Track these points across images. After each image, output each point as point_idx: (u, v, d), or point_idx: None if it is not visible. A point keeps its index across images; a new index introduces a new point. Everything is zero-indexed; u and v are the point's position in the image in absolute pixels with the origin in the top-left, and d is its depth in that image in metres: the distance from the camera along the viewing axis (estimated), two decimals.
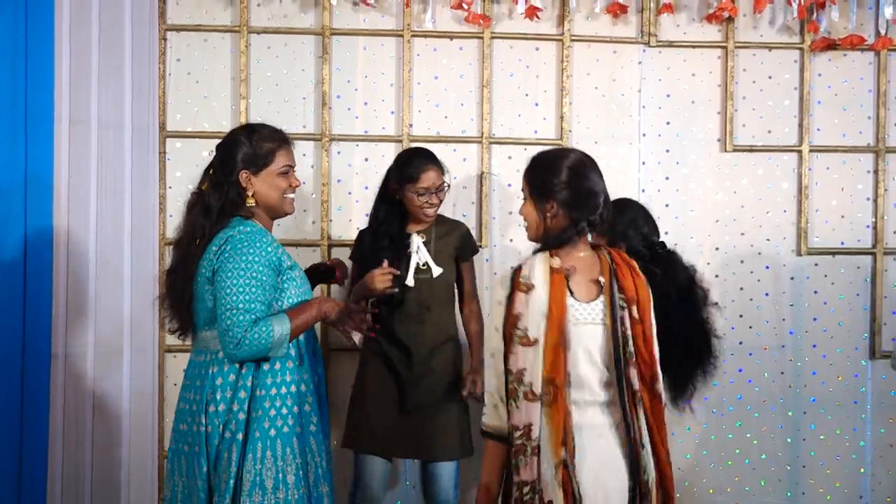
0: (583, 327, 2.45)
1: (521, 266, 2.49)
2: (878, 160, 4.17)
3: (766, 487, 4.17)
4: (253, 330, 2.59)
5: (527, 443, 2.40)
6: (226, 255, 2.64)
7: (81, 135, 3.59)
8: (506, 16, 4.09)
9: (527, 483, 2.40)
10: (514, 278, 2.46)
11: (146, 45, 3.88)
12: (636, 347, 2.47)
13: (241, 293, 2.61)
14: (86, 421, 3.59)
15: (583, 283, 2.49)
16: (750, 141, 4.16)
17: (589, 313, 2.47)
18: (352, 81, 4.06)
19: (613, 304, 2.46)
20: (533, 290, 2.43)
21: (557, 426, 2.39)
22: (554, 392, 2.39)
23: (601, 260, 2.53)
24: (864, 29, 4.13)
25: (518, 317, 2.42)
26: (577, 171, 2.53)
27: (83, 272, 3.58)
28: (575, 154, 2.61)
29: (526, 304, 2.42)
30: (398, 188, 3.47)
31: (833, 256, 4.19)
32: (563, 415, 2.39)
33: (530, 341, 2.40)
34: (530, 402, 2.39)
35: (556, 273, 2.45)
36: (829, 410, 4.18)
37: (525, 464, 2.40)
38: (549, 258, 2.48)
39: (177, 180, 3.97)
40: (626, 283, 2.50)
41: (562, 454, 2.38)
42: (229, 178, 2.76)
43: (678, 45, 4.13)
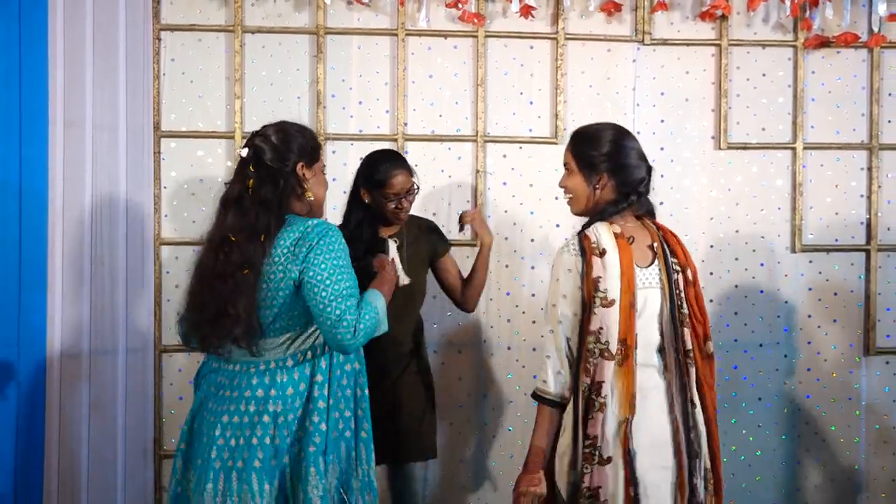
0: (643, 291, 2.56)
1: (585, 233, 2.57)
2: (872, 157, 4.18)
3: (761, 484, 4.18)
4: (361, 312, 2.50)
5: (595, 398, 2.49)
6: (320, 248, 2.51)
7: (76, 135, 3.58)
8: (500, 14, 4.09)
9: (589, 437, 2.49)
10: (583, 245, 2.54)
11: (140, 46, 3.88)
12: (690, 308, 2.60)
13: (342, 280, 2.50)
14: (82, 421, 3.59)
15: (639, 249, 2.60)
16: (744, 138, 4.17)
17: (648, 278, 2.58)
18: (346, 80, 4.07)
19: (668, 267, 2.60)
20: (606, 255, 2.52)
21: (625, 386, 2.50)
22: (625, 352, 2.50)
23: (648, 228, 2.66)
24: (858, 26, 4.14)
25: (598, 280, 2.50)
26: (621, 143, 2.66)
27: (78, 273, 3.58)
28: (614, 127, 2.74)
29: (603, 268, 2.51)
30: (368, 193, 3.41)
31: (827, 253, 4.20)
32: (632, 375, 2.50)
33: (609, 302, 2.50)
34: (606, 361, 2.49)
35: (621, 238, 2.56)
36: (823, 407, 4.20)
37: (592, 418, 2.49)
38: (609, 226, 2.58)
39: (171, 180, 3.97)
40: (677, 249, 2.65)
41: (627, 413, 2.49)
42: (285, 170, 2.61)
43: (672, 43, 4.14)
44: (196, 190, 3.99)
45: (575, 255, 2.55)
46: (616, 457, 2.49)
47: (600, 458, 2.48)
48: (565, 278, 2.55)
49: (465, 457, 4.09)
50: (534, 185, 4.09)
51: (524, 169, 4.09)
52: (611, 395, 2.50)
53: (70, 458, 3.54)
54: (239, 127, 3.95)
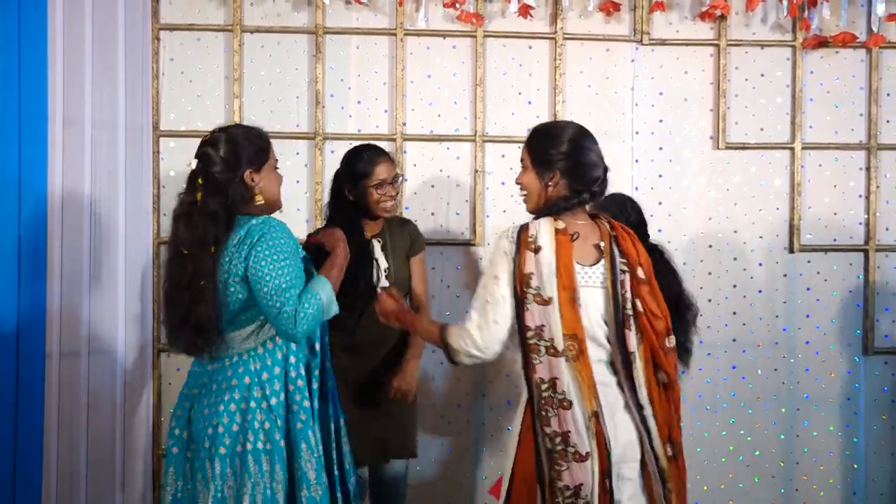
0: (584, 290, 2.53)
1: (527, 225, 2.56)
2: (870, 157, 4.19)
3: (759, 484, 4.18)
4: (301, 302, 2.60)
5: (553, 395, 2.48)
6: (260, 245, 2.62)
7: (75, 135, 3.59)
8: (499, 14, 4.09)
9: (558, 434, 2.47)
10: (520, 237, 2.53)
11: (139, 45, 3.88)
12: (645, 305, 2.56)
13: (282, 274, 2.60)
14: (80, 420, 3.59)
15: (583, 247, 2.57)
16: (742, 138, 4.17)
17: (591, 277, 2.56)
18: (345, 80, 4.07)
19: (614, 267, 2.56)
20: (541, 251, 2.50)
21: (587, 380, 2.49)
22: (578, 346, 2.48)
23: (600, 227, 2.63)
24: (856, 26, 4.15)
25: (530, 276, 2.49)
26: (579, 143, 2.63)
27: (77, 271, 3.58)
28: (575, 126, 2.70)
29: (536, 265, 2.49)
30: (352, 187, 3.40)
31: (826, 253, 4.20)
32: (589, 369, 2.49)
33: (545, 300, 2.49)
34: (553, 357, 2.48)
35: (562, 234, 2.53)
36: (822, 407, 4.20)
37: (555, 415, 2.48)
38: (553, 221, 2.55)
39: (171, 180, 3.98)
40: (628, 248, 2.60)
41: (594, 406, 2.48)
42: (234, 180, 2.71)
43: (671, 43, 4.14)
44: None
45: (511, 242, 2.54)
46: (593, 451, 2.47)
47: (576, 455, 2.46)
48: (501, 260, 2.53)
49: (464, 456, 4.09)
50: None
51: None
52: (572, 390, 2.48)
53: (68, 457, 3.54)
54: None
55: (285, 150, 3.98)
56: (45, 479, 3.45)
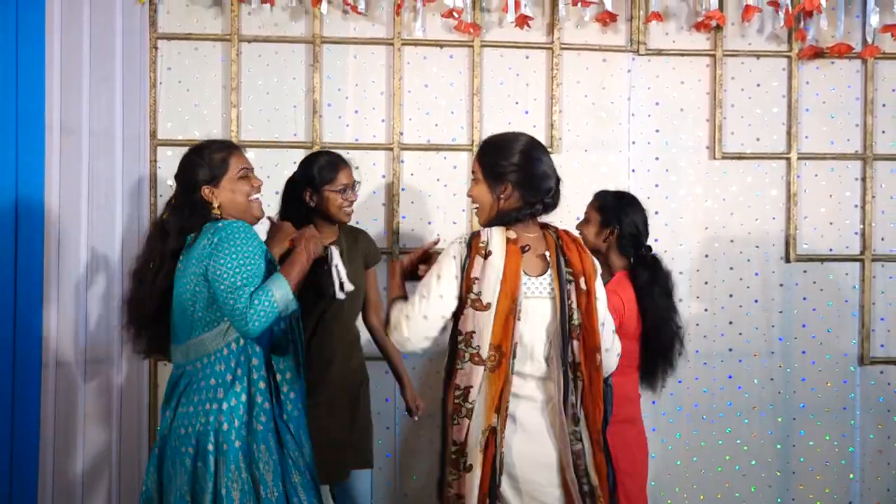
0: (531, 301, 2.53)
1: (478, 232, 2.55)
2: (866, 167, 4.20)
3: (756, 493, 4.18)
4: (253, 300, 2.62)
5: (463, 404, 2.48)
6: (220, 246, 2.66)
7: (72, 143, 3.59)
8: (495, 24, 4.11)
9: (456, 443, 2.48)
10: (472, 242, 2.52)
11: (137, 54, 3.89)
12: (581, 317, 2.54)
13: (236, 273, 2.63)
14: (76, 430, 3.58)
15: (531, 259, 2.56)
16: (739, 148, 4.19)
17: (537, 287, 2.54)
18: (342, 89, 4.08)
19: (561, 277, 2.54)
20: (491, 257, 2.49)
21: (495, 393, 2.47)
22: (499, 358, 2.46)
23: (547, 238, 2.61)
24: (852, 37, 4.16)
25: (474, 281, 2.48)
26: (531, 155, 2.61)
27: (74, 280, 3.57)
28: (526, 137, 2.67)
29: (482, 270, 2.48)
30: (314, 192, 3.33)
31: (822, 263, 4.21)
32: (503, 383, 2.47)
33: (483, 306, 2.47)
34: (475, 366, 2.47)
35: (513, 244, 2.52)
36: (818, 416, 4.21)
37: (458, 424, 2.48)
38: (505, 231, 2.54)
39: (168, 189, 3.97)
40: (573, 257, 2.58)
41: (493, 421, 2.46)
42: (192, 199, 2.80)
43: (667, 53, 4.15)
44: None
45: (461, 246, 2.53)
46: (476, 466, 2.45)
47: (464, 466, 2.46)
48: (447, 261, 2.53)
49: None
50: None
51: None
52: (478, 402, 2.47)
53: (65, 467, 3.53)
54: (235, 136, 3.96)
55: (282, 159, 4.00)
56: (41, 488, 3.44)
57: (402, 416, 4.05)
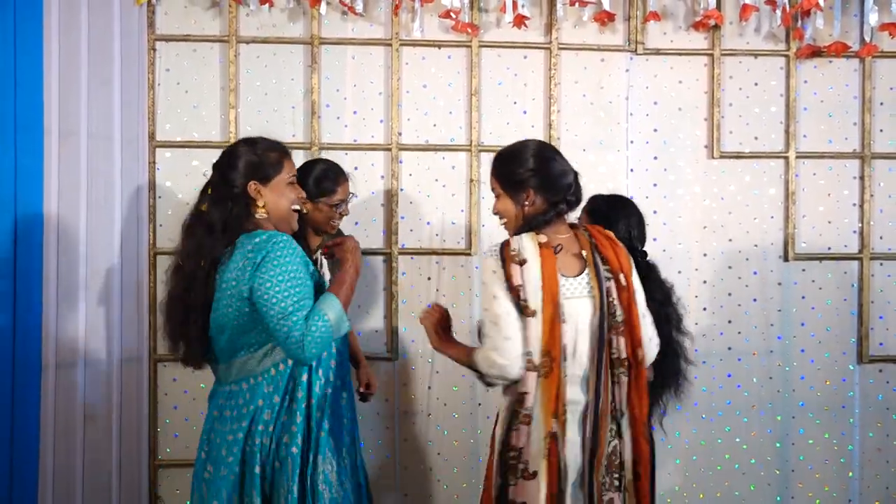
0: (571, 301, 2.53)
1: (507, 241, 2.55)
2: (864, 166, 4.20)
3: (755, 492, 4.19)
4: (308, 325, 2.50)
5: (519, 409, 2.49)
6: (264, 265, 2.52)
7: (71, 145, 3.59)
8: (493, 24, 4.11)
9: (515, 449, 2.49)
10: (503, 252, 2.52)
11: (135, 56, 3.89)
12: (623, 312, 2.56)
13: (287, 297, 2.50)
14: (77, 432, 3.58)
15: (566, 259, 2.57)
16: (737, 147, 4.19)
17: (576, 287, 2.55)
18: (341, 90, 4.08)
19: (599, 275, 2.56)
20: (526, 264, 2.49)
21: (551, 398, 2.47)
22: (550, 364, 2.47)
23: (580, 237, 2.63)
24: (849, 36, 4.16)
25: (519, 288, 2.48)
26: (544, 156, 2.64)
27: (73, 283, 3.58)
28: (534, 142, 2.71)
29: (522, 277, 2.48)
30: (307, 201, 3.26)
31: (820, 262, 4.21)
32: (557, 387, 2.48)
33: (531, 311, 2.47)
34: (529, 371, 2.47)
35: (545, 248, 2.52)
36: (817, 415, 4.21)
37: (516, 430, 2.49)
38: (535, 236, 2.55)
39: (166, 190, 3.98)
40: (608, 254, 2.60)
41: (552, 426, 2.47)
42: (233, 192, 2.66)
43: (665, 52, 4.16)
44: (191, 200, 3.92)
45: (496, 259, 2.53)
46: (541, 472, 2.47)
47: (525, 472, 2.47)
48: (492, 279, 2.52)
49: (460, 465, 4.09)
50: None
51: None
52: (535, 408, 2.48)
53: (65, 469, 3.54)
54: (234, 137, 3.96)
55: None
56: (40, 490, 3.44)
57: (401, 416, 4.06)
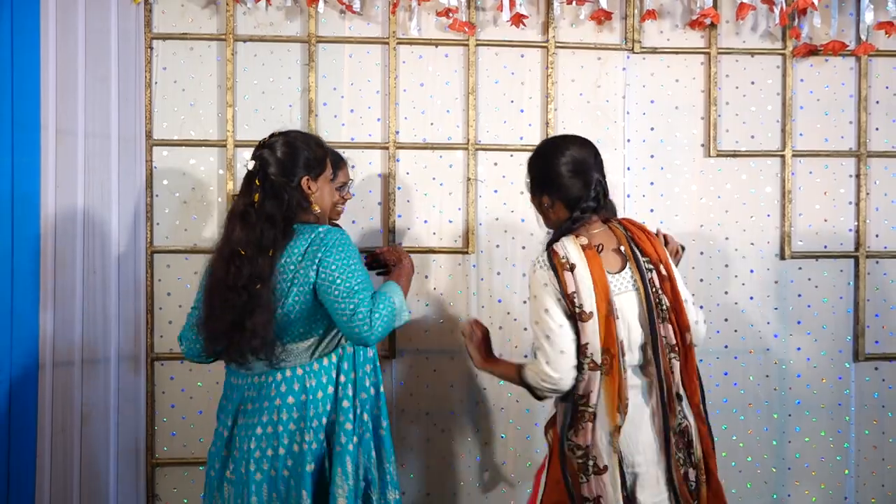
0: (620, 297, 2.57)
1: (553, 249, 2.58)
2: (860, 164, 4.21)
3: (751, 490, 4.20)
4: (376, 303, 2.55)
5: (585, 409, 2.53)
6: (331, 251, 2.59)
7: (68, 144, 3.59)
8: (491, 23, 4.11)
9: (581, 447, 2.52)
10: (552, 260, 2.55)
11: (132, 54, 3.89)
12: (670, 303, 2.60)
13: (354, 275, 2.56)
14: (74, 430, 3.58)
15: (608, 256, 2.61)
16: (733, 146, 4.20)
17: (621, 283, 2.59)
18: (338, 89, 4.08)
19: (640, 268, 2.59)
20: (576, 269, 2.52)
21: (613, 394, 2.51)
22: (610, 361, 2.51)
23: (615, 232, 2.65)
24: (846, 35, 4.17)
25: (573, 295, 2.51)
26: (552, 162, 2.65)
27: (70, 281, 3.58)
28: (547, 145, 2.73)
29: (575, 282, 2.51)
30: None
31: (816, 260, 4.22)
32: (619, 382, 2.52)
33: (588, 315, 2.51)
34: (592, 371, 2.51)
35: (588, 249, 2.56)
36: (813, 413, 4.22)
37: (582, 429, 2.52)
38: (575, 238, 2.58)
39: (163, 188, 3.98)
40: (646, 247, 2.64)
41: (618, 420, 2.51)
42: (290, 184, 2.70)
43: (662, 51, 4.16)
44: (188, 198, 3.99)
45: (546, 270, 2.56)
46: (612, 465, 2.51)
47: (595, 468, 2.51)
48: (543, 291, 2.55)
49: (457, 464, 4.10)
50: (525, 192, 4.07)
51: (515, 177, 4.11)
52: (599, 405, 2.52)
53: (62, 467, 3.54)
54: (231, 135, 3.96)
55: None
56: (38, 488, 3.45)
57: (399, 415, 4.06)
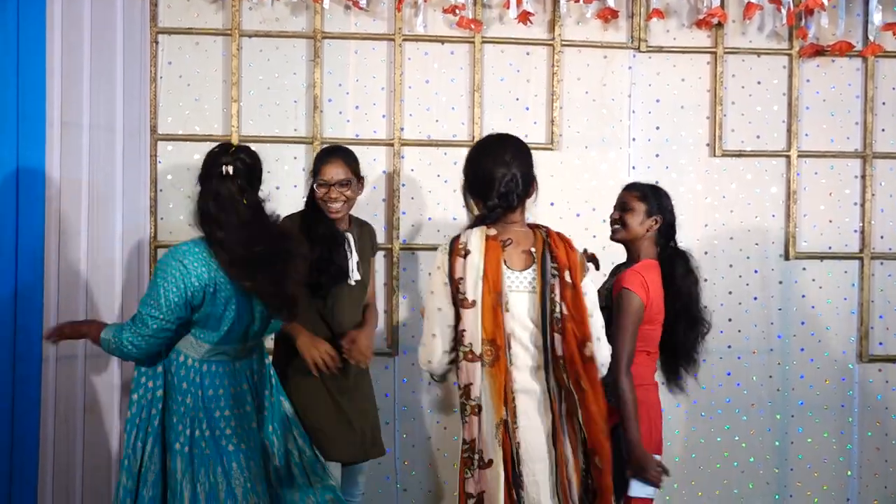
0: (514, 294, 2.59)
1: (458, 236, 2.62)
2: (866, 165, 4.20)
3: (754, 490, 4.19)
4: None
5: (466, 402, 2.53)
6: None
7: (73, 137, 3.58)
8: (497, 20, 4.10)
9: (466, 442, 2.53)
10: (453, 245, 2.58)
11: (137, 48, 3.89)
12: (567, 310, 2.57)
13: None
14: (76, 423, 3.58)
15: (515, 253, 2.62)
16: (739, 146, 4.19)
17: (521, 282, 2.60)
18: (343, 85, 4.07)
19: (545, 272, 2.60)
20: (469, 256, 2.55)
21: (499, 387, 2.51)
22: (495, 352, 2.52)
23: (535, 234, 2.66)
24: (852, 35, 4.17)
25: (459, 281, 2.54)
26: (477, 162, 2.67)
27: (74, 275, 3.57)
28: (480, 145, 2.77)
29: (464, 269, 2.55)
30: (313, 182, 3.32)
31: (821, 261, 4.21)
32: (505, 375, 2.52)
33: (469, 303, 2.53)
34: (470, 363, 2.51)
35: (492, 240, 2.58)
36: (816, 414, 4.21)
37: (466, 422, 2.53)
38: (485, 229, 2.61)
39: (167, 183, 3.98)
40: (559, 253, 2.63)
41: (503, 414, 2.50)
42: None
43: (668, 50, 4.15)
44: (192, 193, 3.97)
45: (444, 254, 2.60)
46: (496, 459, 2.49)
47: (481, 462, 2.50)
48: (435, 275, 2.60)
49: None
50: None
51: None
52: (484, 397, 2.51)
53: (65, 460, 3.53)
54: (235, 130, 3.96)
55: (283, 154, 4.00)
56: (41, 481, 3.44)
57: (401, 412, 4.06)
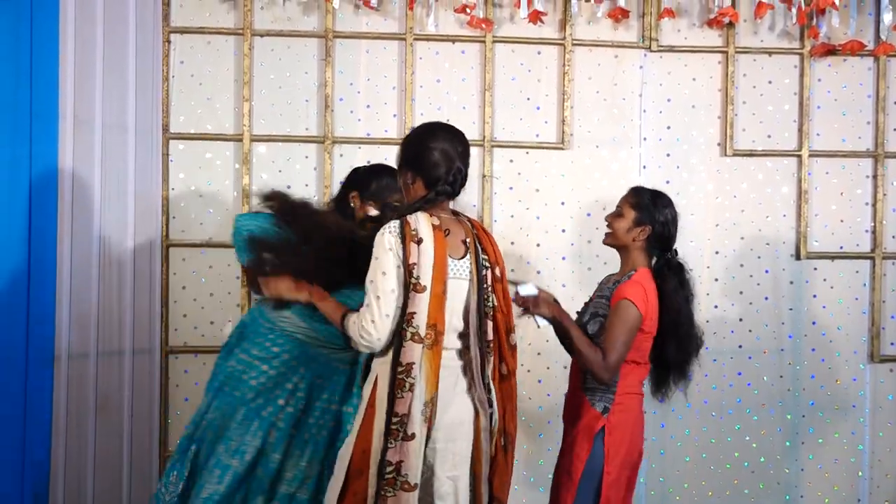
0: (453, 281, 2.68)
1: (406, 220, 2.65)
2: (878, 165, 4.20)
3: (764, 490, 4.18)
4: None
5: (406, 379, 2.62)
6: None
7: (85, 135, 3.59)
8: (507, 20, 4.11)
9: (398, 415, 2.61)
10: (403, 231, 2.62)
11: (150, 47, 3.90)
12: (497, 302, 2.74)
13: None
14: (88, 422, 3.59)
15: (453, 242, 2.70)
16: (750, 145, 4.18)
17: (459, 269, 2.70)
18: (354, 84, 4.08)
19: (479, 262, 2.72)
20: (423, 243, 2.62)
21: (435, 368, 2.63)
22: (435, 336, 2.62)
23: (463, 225, 2.76)
24: (864, 35, 4.16)
25: (413, 266, 2.60)
26: (425, 144, 2.72)
27: (86, 273, 3.58)
28: (426, 125, 2.85)
29: (418, 255, 2.61)
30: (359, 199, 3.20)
31: (832, 261, 4.21)
32: (439, 358, 2.63)
33: (421, 288, 2.61)
34: (415, 344, 2.61)
35: (438, 230, 2.66)
36: (827, 414, 4.21)
37: (402, 397, 2.61)
38: (429, 217, 2.67)
39: (179, 182, 3.99)
40: (487, 247, 2.78)
41: (433, 392, 2.63)
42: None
43: (679, 49, 4.15)
44: (204, 192, 4.00)
45: (395, 237, 2.62)
46: (419, 433, 2.60)
47: (405, 435, 2.59)
48: (386, 257, 2.61)
49: None
50: (540, 190, 4.11)
51: (530, 174, 4.11)
52: (419, 376, 2.61)
53: (76, 458, 3.54)
54: (247, 130, 3.97)
55: (294, 153, 4.01)
56: (52, 480, 3.45)
57: None
